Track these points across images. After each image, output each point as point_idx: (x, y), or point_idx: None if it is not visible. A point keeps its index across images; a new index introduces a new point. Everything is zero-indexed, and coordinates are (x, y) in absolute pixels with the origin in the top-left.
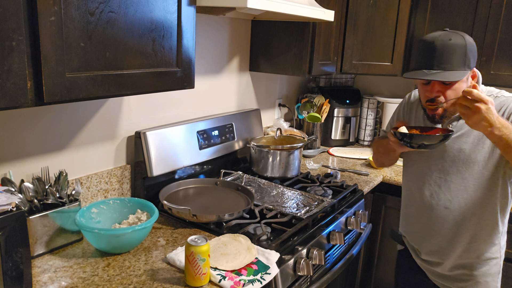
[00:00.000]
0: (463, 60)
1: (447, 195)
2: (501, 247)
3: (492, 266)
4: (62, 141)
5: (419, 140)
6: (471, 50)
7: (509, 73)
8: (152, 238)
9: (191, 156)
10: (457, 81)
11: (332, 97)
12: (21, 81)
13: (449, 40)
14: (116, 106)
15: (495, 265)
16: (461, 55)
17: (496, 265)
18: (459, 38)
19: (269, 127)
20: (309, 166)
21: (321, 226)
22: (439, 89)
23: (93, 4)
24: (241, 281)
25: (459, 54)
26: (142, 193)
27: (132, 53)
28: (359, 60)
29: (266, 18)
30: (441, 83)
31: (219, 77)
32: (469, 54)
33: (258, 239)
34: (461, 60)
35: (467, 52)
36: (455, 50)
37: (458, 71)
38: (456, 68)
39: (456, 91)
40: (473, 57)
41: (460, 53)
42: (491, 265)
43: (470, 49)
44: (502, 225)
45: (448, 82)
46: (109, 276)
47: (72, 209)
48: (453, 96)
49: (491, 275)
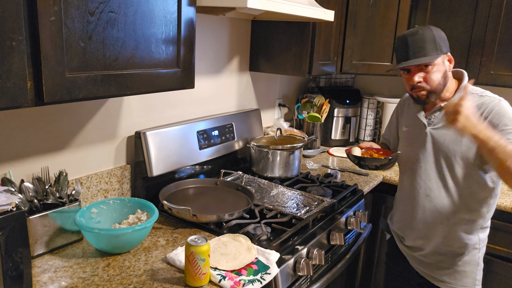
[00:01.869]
0: (434, 46)
1: (428, 183)
2: (481, 239)
3: (472, 257)
4: (62, 141)
5: (372, 162)
6: (440, 37)
7: (509, 73)
8: (152, 238)
9: (191, 156)
10: (434, 65)
11: (332, 97)
12: (21, 81)
13: (418, 32)
14: (116, 106)
15: (474, 256)
16: (431, 42)
17: (475, 256)
18: (426, 29)
19: (269, 127)
20: (309, 166)
21: (321, 226)
22: (419, 76)
23: (93, 4)
24: (241, 281)
25: (429, 41)
26: (142, 193)
27: (132, 53)
28: (359, 60)
29: (266, 18)
30: (419, 70)
31: (219, 77)
32: (439, 40)
33: (258, 239)
34: (432, 46)
35: (436, 38)
36: (425, 38)
37: (431, 56)
38: (428, 53)
39: (436, 75)
40: (443, 43)
41: (430, 40)
42: (471, 255)
43: (439, 36)
44: (483, 218)
45: (425, 65)
46: (109, 276)
47: (72, 209)
48: (433, 79)
49: (470, 265)
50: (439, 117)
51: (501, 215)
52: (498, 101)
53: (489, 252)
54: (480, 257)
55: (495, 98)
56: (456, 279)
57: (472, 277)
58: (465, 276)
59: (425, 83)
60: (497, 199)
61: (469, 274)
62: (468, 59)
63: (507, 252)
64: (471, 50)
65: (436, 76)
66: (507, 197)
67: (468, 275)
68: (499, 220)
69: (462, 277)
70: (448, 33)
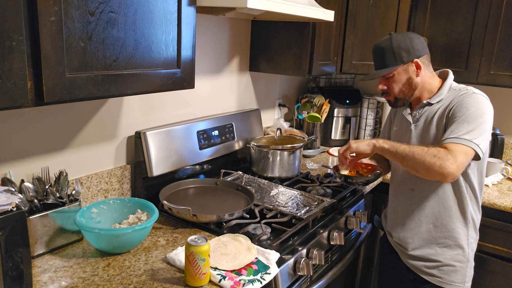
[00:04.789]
0: (393, 57)
1: (413, 178)
2: (470, 235)
3: (460, 253)
4: (62, 141)
5: (359, 180)
6: (400, 46)
7: (509, 73)
8: (152, 238)
9: (191, 156)
10: (394, 75)
11: (332, 97)
12: (21, 81)
13: (379, 45)
14: (116, 106)
15: (463, 252)
16: (389, 54)
17: (463, 252)
18: (386, 40)
19: (269, 127)
20: (309, 166)
21: (321, 226)
22: (383, 83)
23: (93, 4)
24: (241, 281)
25: (387, 53)
26: (142, 193)
27: (132, 53)
28: (359, 60)
29: (266, 18)
30: (384, 78)
31: (219, 77)
32: (399, 51)
33: (258, 239)
34: (391, 57)
35: (395, 50)
36: (384, 51)
37: (389, 68)
38: (388, 65)
39: (397, 83)
40: (405, 52)
41: (388, 52)
42: (458, 251)
43: (399, 46)
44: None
45: (388, 77)
46: (109, 276)
47: (72, 209)
48: (394, 87)
49: (459, 261)
50: (421, 113)
51: (501, 215)
52: (470, 93)
53: (487, 251)
54: (470, 253)
55: (470, 91)
56: (445, 274)
57: (462, 273)
58: (454, 272)
59: (388, 90)
60: (482, 192)
61: (458, 270)
62: (468, 59)
63: (506, 252)
64: (471, 50)
65: (397, 84)
66: (507, 197)
67: (458, 270)
68: (499, 220)
69: (451, 272)
70: (448, 33)
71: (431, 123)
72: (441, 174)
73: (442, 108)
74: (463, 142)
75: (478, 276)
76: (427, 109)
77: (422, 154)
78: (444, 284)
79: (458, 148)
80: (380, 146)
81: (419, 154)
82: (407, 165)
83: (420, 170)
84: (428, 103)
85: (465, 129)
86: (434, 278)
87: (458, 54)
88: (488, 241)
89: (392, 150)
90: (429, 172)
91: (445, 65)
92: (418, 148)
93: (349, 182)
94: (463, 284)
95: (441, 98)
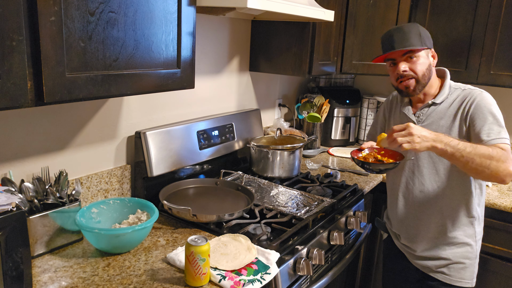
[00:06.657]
0: (419, 38)
1: (421, 179)
2: (477, 233)
3: (469, 250)
4: (62, 141)
5: (377, 166)
6: (425, 32)
7: (509, 73)
8: (152, 238)
9: (191, 156)
10: (419, 57)
11: (332, 97)
12: (21, 81)
13: (403, 27)
14: (116, 106)
15: (472, 249)
16: (416, 34)
17: (472, 249)
18: (411, 24)
19: (269, 127)
20: (309, 166)
21: (321, 226)
22: (405, 65)
23: (93, 4)
24: (241, 281)
25: (414, 33)
26: (142, 193)
27: (132, 53)
28: (359, 60)
29: (266, 18)
30: (404, 59)
31: (219, 77)
32: (423, 34)
33: (258, 239)
34: (417, 38)
35: (421, 32)
36: (410, 31)
37: (417, 46)
38: (414, 44)
39: (421, 66)
40: (428, 39)
41: (415, 32)
42: (467, 248)
43: (424, 32)
44: (476, 211)
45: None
46: (109, 276)
47: (72, 209)
48: (418, 68)
49: (468, 258)
50: (427, 114)
51: (501, 215)
52: (480, 93)
53: (487, 251)
54: (478, 250)
55: (477, 90)
56: (455, 271)
57: (470, 270)
58: (463, 269)
59: (412, 72)
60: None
61: (468, 267)
62: (468, 59)
63: (506, 252)
64: (471, 50)
65: (421, 66)
66: (507, 197)
67: (467, 267)
68: (499, 220)
69: (461, 270)
70: (448, 33)
71: (439, 124)
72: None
73: (452, 109)
74: (505, 142)
75: (478, 276)
76: (433, 109)
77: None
78: (453, 282)
79: (508, 148)
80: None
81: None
82: (469, 169)
83: (483, 174)
84: (433, 103)
85: (497, 129)
86: (444, 276)
87: (458, 54)
88: (488, 241)
89: (457, 155)
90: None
91: (445, 65)
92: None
93: (366, 168)
94: (471, 280)
95: (444, 97)
